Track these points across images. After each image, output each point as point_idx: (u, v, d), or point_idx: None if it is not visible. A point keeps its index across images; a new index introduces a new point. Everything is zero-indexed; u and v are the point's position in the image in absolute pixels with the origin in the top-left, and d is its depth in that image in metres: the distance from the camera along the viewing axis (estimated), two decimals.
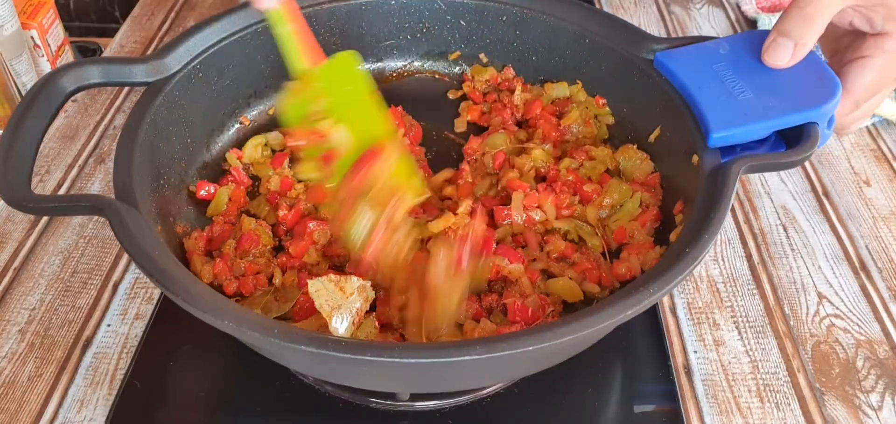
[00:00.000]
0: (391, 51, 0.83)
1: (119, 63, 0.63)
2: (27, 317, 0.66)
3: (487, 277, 0.61)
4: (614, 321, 0.46)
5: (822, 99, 0.57)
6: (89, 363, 0.62)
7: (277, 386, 0.60)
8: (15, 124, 0.55)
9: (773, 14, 1.05)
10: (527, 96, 0.78)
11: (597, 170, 0.70)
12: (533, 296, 0.59)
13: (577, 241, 0.64)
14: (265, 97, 0.78)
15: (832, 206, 0.79)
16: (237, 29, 0.72)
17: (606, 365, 0.62)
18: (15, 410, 0.59)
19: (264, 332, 0.44)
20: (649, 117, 0.69)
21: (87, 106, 0.90)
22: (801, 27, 0.57)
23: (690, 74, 0.64)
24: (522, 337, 0.44)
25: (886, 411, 0.60)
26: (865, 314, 0.68)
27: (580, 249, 0.63)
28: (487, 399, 0.60)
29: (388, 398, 0.59)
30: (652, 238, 0.63)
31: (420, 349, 0.47)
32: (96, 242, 0.73)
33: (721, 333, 0.66)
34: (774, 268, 0.72)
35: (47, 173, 0.81)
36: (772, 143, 0.59)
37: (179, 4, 1.12)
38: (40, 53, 0.98)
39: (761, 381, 0.62)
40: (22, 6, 0.96)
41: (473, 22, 0.81)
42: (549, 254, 0.63)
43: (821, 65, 0.60)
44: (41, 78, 0.59)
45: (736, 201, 0.79)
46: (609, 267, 0.61)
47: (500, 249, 0.62)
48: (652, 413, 0.59)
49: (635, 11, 1.12)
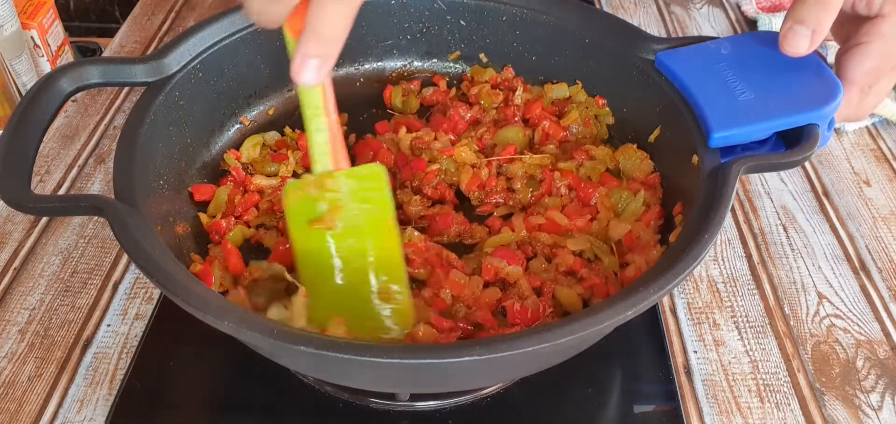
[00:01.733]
0: (391, 51, 0.83)
1: (119, 63, 0.63)
2: (27, 317, 0.66)
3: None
4: (614, 321, 0.46)
5: (824, 100, 0.57)
6: (89, 363, 0.62)
7: (277, 387, 0.60)
8: (15, 124, 0.55)
9: (773, 14, 1.05)
10: (527, 97, 0.78)
11: (597, 170, 0.70)
12: (531, 297, 0.59)
13: (593, 259, 0.62)
14: (265, 97, 0.78)
15: (832, 206, 0.79)
16: (237, 29, 0.72)
17: (606, 365, 0.62)
18: (15, 410, 0.59)
19: (264, 332, 0.44)
20: (649, 117, 0.69)
21: (87, 106, 0.90)
22: (817, 13, 0.56)
23: (691, 75, 0.64)
24: (522, 338, 0.44)
25: (886, 411, 0.60)
26: (865, 314, 0.68)
27: (590, 265, 0.62)
28: (487, 399, 0.60)
29: (388, 398, 0.59)
30: (657, 237, 0.63)
31: (419, 349, 0.47)
32: (96, 242, 0.73)
33: (721, 333, 0.66)
34: (774, 268, 0.72)
35: (47, 173, 0.81)
36: (772, 143, 0.59)
37: (179, 4, 1.12)
38: (40, 53, 0.98)
39: (761, 381, 0.62)
40: (22, 6, 0.96)
41: (473, 22, 0.81)
42: (558, 267, 0.61)
43: (821, 67, 0.60)
44: (41, 78, 0.59)
45: (736, 201, 0.79)
46: (619, 283, 0.60)
47: (498, 251, 0.62)
48: (652, 413, 0.59)
49: (635, 11, 1.12)
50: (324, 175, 0.54)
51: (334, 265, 0.53)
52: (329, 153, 0.54)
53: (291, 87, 0.80)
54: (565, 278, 0.61)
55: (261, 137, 0.75)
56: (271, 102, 0.78)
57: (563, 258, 0.61)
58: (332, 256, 0.53)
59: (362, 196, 0.54)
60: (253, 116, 0.77)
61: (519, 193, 0.69)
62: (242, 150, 0.73)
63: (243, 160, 0.72)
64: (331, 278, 0.53)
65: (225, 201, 0.67)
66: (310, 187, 0.54)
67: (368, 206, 0.54)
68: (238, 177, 0.70)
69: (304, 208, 0.54)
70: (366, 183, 0.54)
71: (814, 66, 0.60)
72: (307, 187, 0.54)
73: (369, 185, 0.54)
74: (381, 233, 0.54)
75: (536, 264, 0.62)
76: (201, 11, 1.10)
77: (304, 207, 0.54)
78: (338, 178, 0.54)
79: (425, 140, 0.73)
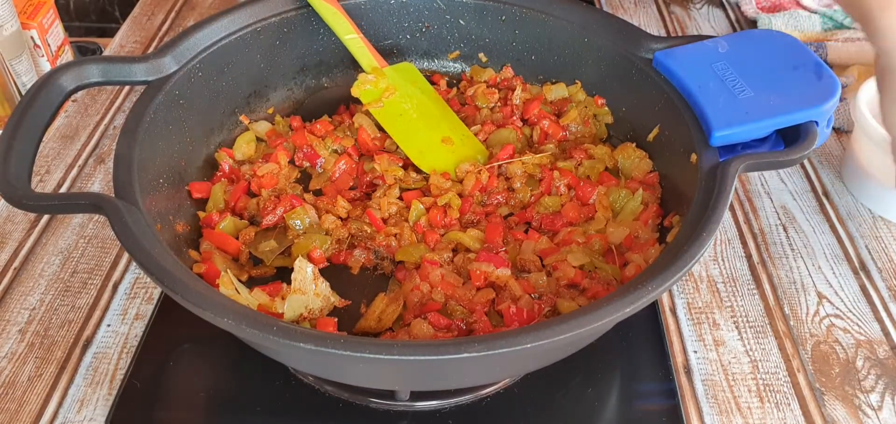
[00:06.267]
0: (391, 50, 0.83)
1: (119, 62, 0.63)
2: (27, 317, 0.66)
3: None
4: (612, 318, 0.46)
5: (823, 97, 0.57)
6: (89, 363, 0.62)
7: (277, 386, 0.60)
8: (15, 123, 0.55)
9: (773, 14, 1.05)
10: (526, 96, 0.79)
11: (596, 169, 0.70)
12: (524, 297, 0.59)
13: (593, 270, 0.62)
14: (265, 97, 0.78)
15: (832, 206, 0.79)
16: (237, 28, 0.72)
17: (606, 365, 0.62)
18: (15, 410, 0.59)
19: (263, 329, 0.44)
20: (648, 116, 0.69)
21: (87, 106, 0.90)
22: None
23: (690, 74, 0.64)
24: (521, 335, 0.44)
25: (886, 411, 0.60)
26: (865, 314, 0.68)
27: (591, 274, 0.62)
28: (487, 398, 0.59)
29: (388, 397, 0.59)
30: (656, 235, 0.63)
31: (418, 346, 0.47)
32: (96, 242, 0.73)
33: (721, 333, 0.66)
34: (774, 268, 0.72)
35: (47, 172, 0.81)
36: (772, 142, 0.59)
37: (179, 4, 1.12)
38: (40, 53, 0.98)
39: (761, 381, 0.62)
40: (22, 6, 0.96)
41: (473, 21, 0.81)
42: (559, 281, 0.61)
43: (820, 64, 0.60)
44: (41, 77, 0.59)
45: (736, 201, 0.79)
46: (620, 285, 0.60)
47: (483, 255, 0.62)
48: (652, 413, 0.59)
49: (635, 11, 1.12)
50: (375, 69, 0.76)
51: (409, 118, 0.75)
52: (370, 55, 0.77)
53: (291, 86, 0.80)
54: (567, 291, 0.61)
55: (252, 131, 0.75)
56: (271, 102, 0.79)
57: (564, 272, 0.61)
58: (402, 114, 0.75)
59: (405, 78, 0.78)
60: (253, 116, 0.77)
61: (519, 192, 0.69)
62: (235, 148, 0.73)
63: (238, 158, 0.73)
64: (410, 129, 0.74)
65: (221, 197, 0.68)
66: (369, 79, 0.75)
67: (411, 86, 0.77)
68: (228, 173, 0.70)
69: (373, 93, 0.75)
70: (404, 72, 0.79)
71: (812, 64, 0.60)
72: (367, 81, 0.75)
73: (408, 74, 0.78)
74: (428, 95, 0.78)
75: (536, 277, 0.61)
76: (201, 11, 1.11)
77: (372, 92, 0.75)
78: (384, 70, 0.77)
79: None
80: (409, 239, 0.65)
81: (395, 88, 0.76)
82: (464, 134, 0.75)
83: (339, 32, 0.76)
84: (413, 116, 0.75)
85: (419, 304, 0.59)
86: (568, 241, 0.64)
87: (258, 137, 0.75)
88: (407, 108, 0.75)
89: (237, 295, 0.56)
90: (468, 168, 0.70)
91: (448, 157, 0.72)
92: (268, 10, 0.75)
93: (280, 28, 0.76)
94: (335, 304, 0.61)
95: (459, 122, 0.77)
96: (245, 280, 0.62)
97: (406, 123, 0.74)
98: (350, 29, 0.76)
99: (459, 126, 0.76)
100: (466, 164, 0.70)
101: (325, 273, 0.63)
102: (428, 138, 0.74)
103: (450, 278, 0.61)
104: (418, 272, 0.62)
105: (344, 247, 0.66)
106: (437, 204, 0.67)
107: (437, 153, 0.73)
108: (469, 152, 0.73)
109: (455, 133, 0.75)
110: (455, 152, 0.73)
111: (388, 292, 0.63)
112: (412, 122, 0.74)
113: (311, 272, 0.59)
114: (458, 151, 0.73)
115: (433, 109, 0.77)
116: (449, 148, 0.73)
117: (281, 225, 0.66)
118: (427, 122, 0.75)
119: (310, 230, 0.66)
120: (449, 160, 0.72)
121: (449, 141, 0.73)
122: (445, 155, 0.73)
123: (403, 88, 0.76)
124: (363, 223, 0.66)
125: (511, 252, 0.64)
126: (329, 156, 0.73)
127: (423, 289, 0.60)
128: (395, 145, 0.73)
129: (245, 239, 0.65)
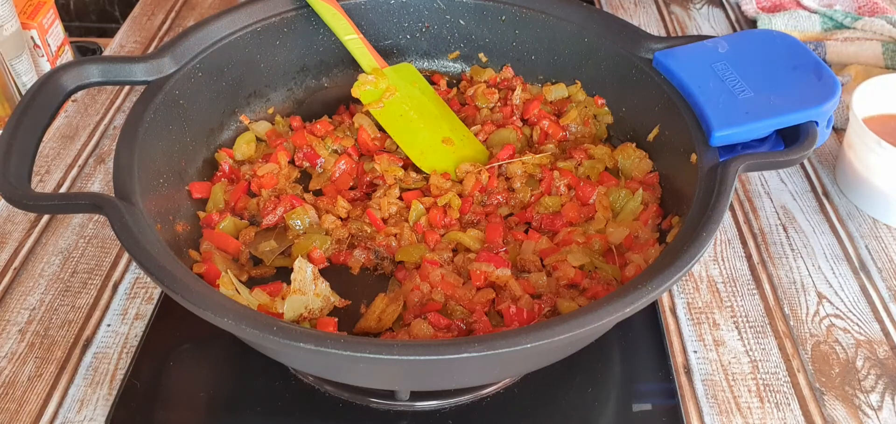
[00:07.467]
0: (391, 50, 0.83)
1: (119, 62, 0.63)
2: (27, 317, 0.66)
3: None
4: (612, 318, 0.46)
5: (823, 97, 0.57)
6: (89, 363, 0.62)
7: (277, 386, 0.60)
8: (15, 123, 0.55)
9: (773, 14, 1.05)
10: (526, 96, 0.79)
11: (596, 169, 0.70)
12: (524, 297, 0.59)
13: (593, 270, 0.62)
14: (265, 97, 0.78)
15: (832, 206, 0.79)
16: (237, 28, 0.72)
17: (606, 365, 0.62)
18: (15, 410, 0.59)
19: (263, 329, 0.44)
20: (648, 116, 0.69)
21: (87, 106, 0.90)
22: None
23: (690, 74, 0.64)
24: (521, 335, 0.44)
25: (886, 411, 0.60)
26: (865, 314, 0.68)
27: (591, 274, 0.62)
28: (487, 398, 0.59)
29: (388, 397, 0.59)
30: (656, 235, 0.63)
31: (418, 346, 0.47)
32: (96, 242, 0.73)
33: (721, 333, 0.66)
34: (774, 268, 0.72)
35: (47, 172, 0.81)
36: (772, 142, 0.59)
37: (179, 4, 1.12)
38: (40, 53, 0.98)
39: (761, 381, 0.62)
40: (22, 6, 0.96)
41: (473, 21, 0.81)
42: (559, 281, 0.61)
43: (820, 64, 0.60)
44: (41, 77, 0.59)
45: (736, 201, 0.79)
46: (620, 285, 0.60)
47: (483, 255, 0.62)
48: (652, 413, 0.59)
49: (635, 11, 1.12)
50: (375, 69, 0.76)
51: (409, 118, 0.75)
52: (370, 55, 0.77)
53: (291, 86, 0.80)
54: (567, 291, 0.61)
55: (252, 131, 0.75)
56: (271, 102, 0.79)
57: (564, 272, 0.61)
58: (403, 114, 0.75)
59: (405, 78, 0.78)
60: (253, 116, 0.77)
61: (519, 192, 0.69)
62: (235, 148, 0.73)
63: (238, 158, 0.73)
64: (411, 129, 0.74)
65: (222, 198, 0.68)
66: (369, 79, 0.75)
67: (411, 86, 0.78)
68: (227, 173, 0.70)
69: (373, 93, 0.75)
70: (404, 72, 0.79)
71: (812, 64, 0.60)
72: (367, 82, 0.75)
73: (408, 75, 0.79)
74: (428, 96, 0.78)
75: (536, 277, 0.61)
76: (201, 11, 1.11)
77: (372, 93, 0.75)
78: (384, 70, 0.77)
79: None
80: (409, 239, 0.65)
81: (396, 88, 0.76)
82: (464, 134, 0.75)
83: (339, 33, 0.76)
84: (413, 116, 0.75)
85: (419, 304, 0.59)
86: (568, 241, 0.64)
87: (258, 138, 0.75)
88: (407, 108, 0.75)
89: (237, 295, 0.56)
90: (468, 168, 0.70)
91: (448, 157, 0.72)
92: (268, 10, 0.75)
93: (280, 28, 0.76)
94: (335, 304, 0.61)
95: (459, 122, 0.77)
96: (245, 280, 0.62)
97: (406, 124, 0.74)
98: (350, 29, 0.76)
99: (459, 126, 0.76)
100: (466, 164, 0.70)
101: (325, 273, 0.63)
102: (428, 139, 0.74)
103: (450, 278, 0.61)
104: (418, 272, 0.62)
105: (344, 247, 0.66)
106: (437, 204, 0.67)
107: (437, 154, 0.73)
108: (469, 153, 0.73)
109: (455, 133, 0.75)
110: (455, 153, 0.73)
111: (388, 292, 0.63)
112: (412, 122, 0.74)
113: (310, 272, 0.59)
114: (459, 151, 0.73)
115: (433, 109, 0.77)
116: (449, 148, 0.73)
117: (281, 225, 0.66)
118: (427, 122, 0.75)
119: (310, 230, 0.66)
120: (449, 161, 0.72)
121: (449, 141, 0.73)
122: (446, 155, 0.73)
123: (403, 88, 0.76)
124: (363, 223, 0.66)
125: (511, 252, 0.64)
126: (329, 156, 0.73)
127: (423, 289, 0.60)
128: (395, 145, 0.73)
129: (245, 239, 0.65)
